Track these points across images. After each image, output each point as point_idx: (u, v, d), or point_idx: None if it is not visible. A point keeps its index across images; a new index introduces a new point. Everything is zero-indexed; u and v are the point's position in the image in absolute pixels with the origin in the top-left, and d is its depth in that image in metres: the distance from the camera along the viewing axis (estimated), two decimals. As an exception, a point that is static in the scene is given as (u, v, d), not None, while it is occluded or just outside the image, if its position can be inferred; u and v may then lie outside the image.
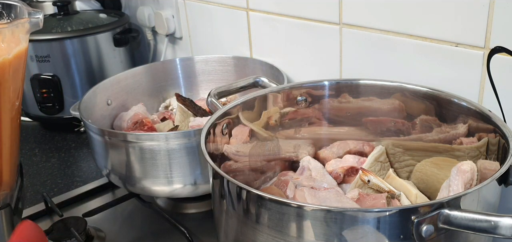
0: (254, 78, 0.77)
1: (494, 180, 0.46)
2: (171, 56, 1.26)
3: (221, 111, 0.63)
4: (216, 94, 0.72)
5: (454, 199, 0.43)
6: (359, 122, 0.70)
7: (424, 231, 0.42)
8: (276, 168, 0.71)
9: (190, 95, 1.00)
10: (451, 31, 0.64)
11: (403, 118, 0.67)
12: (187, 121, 0.88)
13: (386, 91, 0.67)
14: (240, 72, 0.98)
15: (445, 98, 0.61)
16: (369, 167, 0.66)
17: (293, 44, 0.88)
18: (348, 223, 0.43)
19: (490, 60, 0.61)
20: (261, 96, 0.68)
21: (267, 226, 0.47)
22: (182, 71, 1.04)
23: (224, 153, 0.64)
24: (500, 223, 0.40)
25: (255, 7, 0.93)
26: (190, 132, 0.71)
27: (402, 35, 0.70)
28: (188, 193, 0.76)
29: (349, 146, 0.71)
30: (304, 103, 0.70)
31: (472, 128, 0.59)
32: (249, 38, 0.98)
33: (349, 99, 0.69)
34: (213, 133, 0.61)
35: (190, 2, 1.11)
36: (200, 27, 1.11)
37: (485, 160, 0.57)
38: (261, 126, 0.69)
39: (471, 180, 0.54)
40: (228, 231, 0.53)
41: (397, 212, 0.43)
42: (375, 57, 0.74)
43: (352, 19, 0.76)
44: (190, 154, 0.72)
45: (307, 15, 0.83)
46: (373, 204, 0.58)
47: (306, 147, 0.72)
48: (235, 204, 0.50)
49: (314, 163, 0.69)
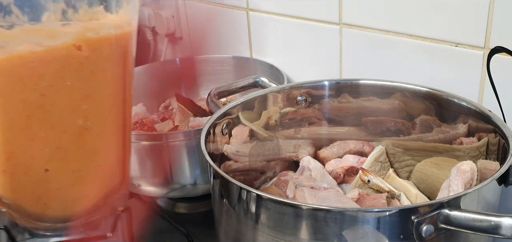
0: (254, 78, 0.77)
1: (494, 180, 0.46)
2: (171, 56, 1.26)
3: (221, 111, 0.63)
4: (216, 94, 0.72)
5: (454, 199, 0.43)
6: (359, 121, 0.70)
7: (424, 231, 0.42)
8: (276, 168, 0.71)
9: (190, 95, 1.00)
10: (451, 31, 0.64)
11: (403, 118, 0.67)
12: (187, 121, 0.88)
13: (386, 91, 0.67)
14: (240, 72, 0.98)
15: (445, 98, 0.61)
16: (369, 167, 0.66)
17: (293, 44, 0.88)
18: (348, 223, 0.43)
19: (490, 60, 0.61)
20: (261, 96, 0.68)
21: (267, 226, 0.47)
22: (182, 71, 1.04)
23: (224, 153, 0.64)
24: (500, 223, 0.40)
25: (255, 7, 0.93)
26: (190, 132, 0.71)
27: (402, 35, 0.70)
28: (188, 193, 0.76)
29: (349, 146, 0.71)
30: (304, 103, 0.70)
31: (472, 128, 0.59)
32: (249, 38, 0.98)
33: (349, 99, 0.69)
34: (213, 133, 0.61)
35: (190, 2, 1.11)
36: (200, 27, 1.11)
37: (485, 160, 0.57)
38: (261, 126, 0.69)
39: (471, 180, 0.54)
40: (228, 231, 0.53)
41: (397, 212, 0.43)
42: (375, 57, 0.74)
43: (352, 19, 0.76)
44: (190, 154, 0.72)
45: (307, 15, 0.83)
46: (373, 204, 0.58)
47: (306, 147, 0.72)
48: (235, 204, 0.50)
49: (314, 163, 0.69)
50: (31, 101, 0.48)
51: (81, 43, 0.49)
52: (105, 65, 0.52)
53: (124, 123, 0.56)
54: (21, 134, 0.49)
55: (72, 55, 0.49)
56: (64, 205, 0.54)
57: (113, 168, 0.56)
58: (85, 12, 0.51)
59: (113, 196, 0.57)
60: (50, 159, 0.51)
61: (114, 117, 0.54)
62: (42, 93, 0.49)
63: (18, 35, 0.47)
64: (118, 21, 0.52)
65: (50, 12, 0.49)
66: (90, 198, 0.55)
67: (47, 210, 0.53)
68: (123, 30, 0.53)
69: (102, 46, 0.51)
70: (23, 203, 0.53)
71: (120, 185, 0.58)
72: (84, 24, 0.50)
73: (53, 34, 0.48)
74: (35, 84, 0.48)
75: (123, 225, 0.58)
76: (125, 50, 0.53)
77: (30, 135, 0.50)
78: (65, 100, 0.50)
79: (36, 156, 0.51)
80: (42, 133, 0.50)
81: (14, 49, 0.47)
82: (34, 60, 0.47)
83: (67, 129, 0.51)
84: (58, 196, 0.53)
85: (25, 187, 0.52)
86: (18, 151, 0.50)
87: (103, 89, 0.52)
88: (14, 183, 0.51)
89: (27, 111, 0.49)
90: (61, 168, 0.52)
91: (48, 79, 0.49)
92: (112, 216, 0.58)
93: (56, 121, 0.50)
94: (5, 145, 0.49)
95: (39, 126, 0.50)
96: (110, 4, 0.52)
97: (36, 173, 0.51)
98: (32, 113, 0.49)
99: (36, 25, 0.48)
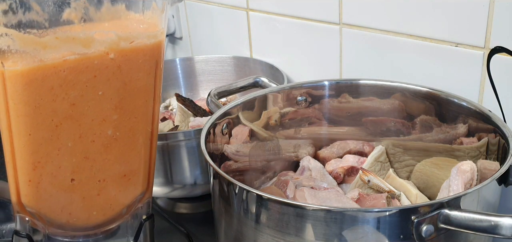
0: (254, 78, 0.77)
1: (494, 180, 0.46)
2: (171, 56, 1.26)
3: (221, 111, 0.63)
4: (216, 94, 0.72)
5: (454, 199, 0.43)
6: (359, 122, 0.70)
7: (424, 231, 0.42)
8: (276, 168, 0.71)
9: (190, 95, 1.00)
10: (451, 31, 0.64)
11: (403, 118, 0.67)
12: (187, 121, 0.88)
13: (386, 91, 0.67)
14: (240, 72, 0.98)
15: (445, 98, 0.61)
16: (369, 167, 0.66)
17: (293, 44, 0.88)
18: (348, 223, 0.43)
19: (490, 60, 0.61)
20: (261, 96, 0.68)
21: (267, 226, 0.47)
22: (182, 71, 1.04)
23: (224, 153, 0.64)
24: (500, 223, 0.40)
25: (255, 7, 0.93)
26: (190, 132, 0.71)
27: (402, 35, 0.70)
28: (188, 193, 0.76)
29: (349, 146, 0.71)
30: (304, 103, 0.70)
31: (472, 128, 0.59)
32: (249, 38, 0.98)
33: (349, 99, 0.69)
34: (213, 133, 0.61)
35: (190, 2, 1.11)
36: (200, 27, 1.11)
37: (485, 160, 0.57)
38: (261, 126, 0.69)
39: (471, 180, 0.54)
40: (228, 231, 0.53)
41: (397, 212, 0.43)
42: (375, 57, 0.74)
43: (352, 19, 0.76)
44: (190, 154, 0.72)
45: (307, 15, 0.83)
46: (373, 204, 0.58)
47: (306, 147, 0.72)
48: (235, 204, 0.50)
49: (314, 163, 0.69)
50: (61, 111, 0.47)
51: (114, 53, 0.48)
52: (138, 75, 0.51)
53: (152, 132, 0.55)
54: (48, 144, 0.48)
55: (105, 65, 0.48)
56: (88, 214, 0.53)
57: (139, 178, 0.55)
58: (107, 10, 0.49)
59: (137, 204, 0.56)
60: (76, 169, 0.50)
61: (143, 127, 0.53)
62: (72, 103, 0.48)
63: (50, 42, 0.45)
64: (148, 27, 0.51)
65: (72, 9, 0.47)
66: (114, 207, 0.55)
67: (71, 219, 0.52)
68: (157, 39, 0.51)
69: (135, 56, 0.50)
70: (47, 212, 0.51)
71: (145, 194, 0.57)
72: (118, 33, 0.48)
73: (87, 42, 0.47)
74: (66, 93, 0.47)
75: (146, 232, 0.58)
76: (157, 59, 0.52)
77: (58, 144, 0.48)
78: (95, 110, 0.49)
79: (63, 166, 0.49)
80: (70, 143, 0.49)
81: (45, 57, 0.45)
82: (66, 69, 0.46)
83: (96, 139, 0.50)
84: (83, 205, 0.52)
85: (50, 197, 0.50)
86: (44, 161, 0.49)
87: (134, 99, 0.51)
88: (39, 192, 0.50)
89: (56, 121, 0.47)
90: (88, 178, 0.51)
91: (79, 89, 0.47)
92: (135, 224, 0.57)
93: (85, 131, 0.49)
94: (32, 154, 0.48)
95: (68, 136, 0.48)
96: (136, 3, 0.51)
97: (61, 182, 0.50)
98: (61, 123, 0.48)
99: (69, 32, 0.46)
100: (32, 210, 0.51)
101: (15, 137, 0.47)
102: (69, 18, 0.47)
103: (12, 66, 0.45)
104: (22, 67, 0.45)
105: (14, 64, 0.45)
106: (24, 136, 0.47)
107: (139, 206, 0.57)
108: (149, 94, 0.53)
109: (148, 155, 0.55)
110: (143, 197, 0.57)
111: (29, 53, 0.45)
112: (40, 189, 0.50)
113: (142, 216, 0.57)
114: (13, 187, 0.50)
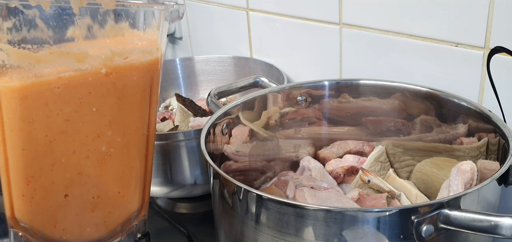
0: (254, 78, 0.77)
1: (494, 180, 0.46)
2: (171, 56, 1.26)
3: (221, 111, 0.63)
4: (216, 94, 0.72)
5: (454, 199, 0.43)
6: (359, 122, 0.70)
7: (424, 231, 0.42)
8: (276, 168, 0.71)
9: (190, 95, 1.00)
10: (451, 31, 0.64)
11: (403, 118, 0.67)
12: (187, 121, 0.88)
13: (386, 91, 0.67)
14: (240, 72, 0.98)
15: (445, 98, 0.61)
16: (369, 167, 0.66)
17: (293, 44, 0.88)
18: (348, 223, 0.43)
19: (490, 60, 0.61)
20: (261, 96, 0.68)
21: (267, 226, 0.47)
22: (182, 71, 1.04)
23: (224, 153, 0.64)
24: (500, 223, 0.40)
25: (255, 7, 0.93)
26: (190, 132, 0.71)
27: (402, 35, 0.70)
28: (188, 193, 0.76)
29: (349, 146, 0.71)
30: (304, 103, 0.70)
31: (472, 128, 0.59)
32: (249, 38, 0.98)
33: (349, 99, 0.69)
34: (213, 133, 0.61)
35: (190, 2, 1.11)
36: (200, 27, 1.11)
37: (485, 160, 0.57)
38: (261, 126, 0.69)
39: (471, 180, 0.54)
40: (228, 231, 0.53)
41: (397, 212, 0.43)
42: (375, 57, 0.74)
43: (352, 19, 0.76)
44: (190, 154, 0.72)
45: (307, 15, 0.83)
46: (373, 204, 0.58)
47: (306, 147, 0.72)
48: (235, 204, 0.50)
49: (314, 163, 0.69)
50: (55, 126, 0.47)
51: (109, 69, 0.48)
52: (132, 92, 0.51)
53: (147, 148, 0.54)
54: (42, 159, 0.48)
55: (99, 82, 0.48)
56: (82, 230, 0.53)
57: (133, 194, 0.55)
58: (111, 28, 0.50)
59: (132, 222, 0.56)
60: (70, 185, 0.50)
61: (137, 143, 0.53)
62: (66, 119, 0.47)
63: (45, 57, 0.45)
64: (146, 44, 0.51)
65: (76, 27, 0.47)
66: (108, 224, 0.54)
67: (64, 235, 0.52)
68: (152, 56, 0.51)
69: (129, 73, 0.50)
70: (41, 228, 0.51)
71: (140, 211, 0.57)
72: (112, 48, 0.48)
73: (81, 57, 0.47)
74: (60, 109, 0.47)
75: None
76: (153, 76, 0.52)
77: (52, 160, 0.48)
78: (89, 126, 0.49)
79: (56, 181, 0.49)
80: (63, 158, 0.49)
81: (40, 72, 0.45)
82: (61, 85, 0.46)
83: (90, 155, 0.50)
84: (77, 221, 0.52)
85: (44, 212, 0.50)
86: (38, 176, 0.48)
87: (128, 115, 0.51)
88: (32, 207, 0.50)
89: (50, 137, 0.47)
90: (81, 194, 0.51)
91: (73, 105, 0.47)
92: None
93: (79, 147, 0.49)
94: (25, 169, 0.48)
95: (61, 151, 0.48)
96: (138, 21, 0.51)
97: (55, 198, 0.50)
98: (55, 139, 0.48)
99: (63, 47, 0.46)
100: (26, 225, 0.50)
101: (9, 151, 0.47)
102: (73, 35, 0.47)
103: (8, 82, 0.45)
104: (17, 83, 0.45)
105: (10, 80, 0.45)
106: (18, 151, 0.47)
107: (134, 223, 0.56)
108: (144, 110, 0.53)
109: (143, 171, 0.55)
110: (138, 215, 0.56)
111: (24, 68, 0.45)
112: (33, 204, 0.49)
113: (137, 235, 0.57)
114: (7, 201, 0.50)
